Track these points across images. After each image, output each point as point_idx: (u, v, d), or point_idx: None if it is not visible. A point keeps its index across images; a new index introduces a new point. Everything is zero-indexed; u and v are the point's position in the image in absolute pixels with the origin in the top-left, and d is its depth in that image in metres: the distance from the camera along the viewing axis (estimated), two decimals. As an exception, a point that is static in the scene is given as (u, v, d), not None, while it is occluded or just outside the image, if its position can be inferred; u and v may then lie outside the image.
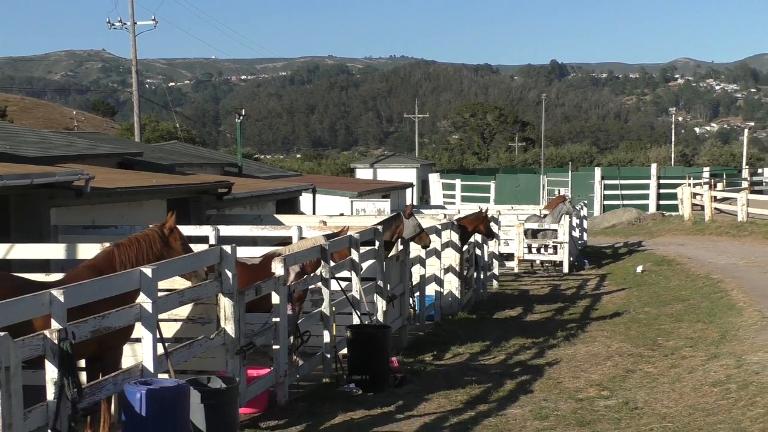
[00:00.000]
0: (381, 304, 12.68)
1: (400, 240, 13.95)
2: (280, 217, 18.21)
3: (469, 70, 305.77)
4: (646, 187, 51.58)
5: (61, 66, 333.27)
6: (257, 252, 12.41)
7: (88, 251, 9.43)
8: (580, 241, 30.01)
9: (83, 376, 7.66)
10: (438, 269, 16.49)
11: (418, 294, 15.49)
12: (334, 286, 11.22)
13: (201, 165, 29.69)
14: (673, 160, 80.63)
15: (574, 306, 18.64)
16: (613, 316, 16.72)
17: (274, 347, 9.71)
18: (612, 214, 44.14)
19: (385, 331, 11.30)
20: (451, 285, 17.15)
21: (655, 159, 72.65)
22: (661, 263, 24.35)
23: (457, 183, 55.87)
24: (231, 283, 8.57)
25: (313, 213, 29.24)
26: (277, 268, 9.72)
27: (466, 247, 17.99)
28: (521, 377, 11.41)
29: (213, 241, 13.41)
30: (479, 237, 19.41)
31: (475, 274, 19.58)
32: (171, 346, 7.98)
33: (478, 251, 19.84)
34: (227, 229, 14.33)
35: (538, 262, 26.31)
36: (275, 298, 9.67)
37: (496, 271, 22.89)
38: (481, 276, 20.25)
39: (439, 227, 16.56)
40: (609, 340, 14.11)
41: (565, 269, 25.16)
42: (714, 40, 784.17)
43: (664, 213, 43.28)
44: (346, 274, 11.96)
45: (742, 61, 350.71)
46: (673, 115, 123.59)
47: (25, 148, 18.28)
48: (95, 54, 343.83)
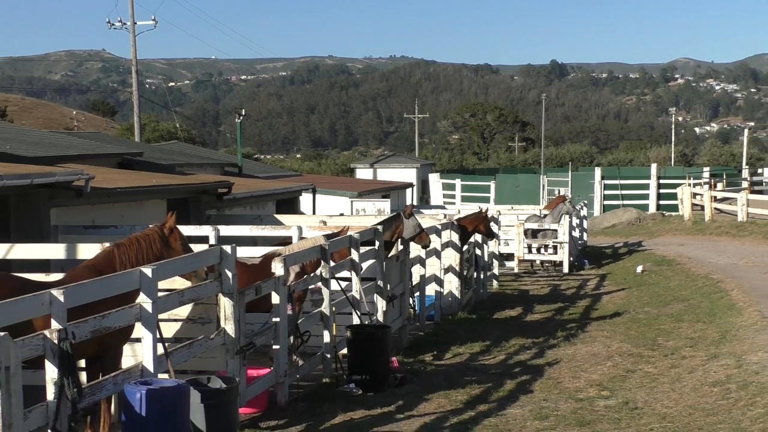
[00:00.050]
0: (381, 304, 12.68)
1: (400, 240, 13.95)
2: (280, 217, 18.21)
3: (469, 70, 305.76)
4: (646, 187, 51.59)
5: (61, 66, 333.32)
6: (257, 252, 12.41)
7: (88, 251, 9.43)
8: (580, 241, 30.02)
9: (83, 376, 7.66)
10: (438, 269, 16.49)
11: (418, 294, 15.49)
12: (334, 286, 11.21)
13: (201, 165, 29.68)
14: (673, 160, 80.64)
15: (574, 306, 18.64)
16: (613, 316, 16.71)
17: (274, 347, 9.71)
18: (612, 214, 44.14)
19: (385, 331, 11.30)
20: (451, 285, 17.15)
21: (655, 159, 72.66)
22: (661, 263, 24.35)
23: (457, 183, 55.88)
24: (231, 283, 8.57)
25: (313, 213, 29.24)
26: (277, 268, 9.72)
27: (466, 247, 17.99)
28: (521, 377, 11.40)
29: (213, 241, 13.41)
30: (479, 237, 19.41)
31: (475, 274, 19.58)
32: (171, 346, 7.98)
33: (478, 251, 19.84)
34: (227, 229, 14.34)
35: (538, 262, 26.31)
36: (275, 298, 9.67)
37: (496, 271, 22.89)
38: (481, 276, 20.25)
39: (439, 227, 16.56)
40: (609, 340, 14.10)
41: (565, 269, 25.16)
42: (714, 40, 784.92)
43: (664, 213, 43.27)
44: (346, 274, 11.96)
45: (742, 61, 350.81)
46: (673, 115, 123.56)
47: (25, 148, 18.28)
48: (95, 54, 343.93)
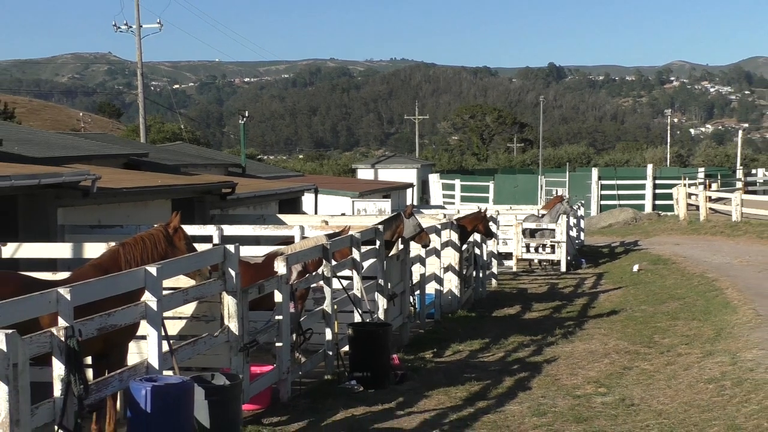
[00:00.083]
0: (382, 303, 12.68)
1: (400, 239, 13.95)
2: (283, 216, 18.20)
3: (468, 73, 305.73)
4: (642, 187, 51.54)
5: (68, 68, 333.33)
6: (260, 251, 12.41)
7: (94, 250, 9.45)
8: (577, 241, 30.00)
9: (90, 373, 7.67)
10: (438, 268, 16.49)
11: (418, 292, 15.50)
12: (336, 284, 11.22)
13: (205, 165, 29.66)
14: (668, 161, 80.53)
15: (571, 304, 18.63)
16: (610, 314, 16.71)
17: (277, 345, 9.71)
18: (609, 214, 44.10)
19: (385, 328, 11.30)
20: (451, 283, 17.15)
21: (651, 160, 72.52)
22: (657, 262, 24.33)
23: (457, 183, 55.86)
24: (234, 281, 8.58)
25: (315, 213, 29.27)
26: (280, 267, 9.73)
27: (465, 247, 17.98)
28: (520, 374, 11.41)
29: (217, 240, 13.42)
30: (478, 236, 19.40)
31: (474, 273, 19.57)
32: (176, 344, 7.99)
33: (477, 250, 19.83)
34: (231, 229, 14.35)
35: (536, 261, 26.30)
36: (278, 297, 9.67)
37: (495, 270, 22.89)
38: (480, 275, 20.25)
39: (439, 227, 16.56)
40: (606, 337, 14.11)
41: (563, 268, 25.14)
42: (709, 44, 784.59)
43: (660, 213, 43.20)
44: (347, 272, 11.97)
45: (737, 63, 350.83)
46: (669, 117, 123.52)
47: (33, 149, 18.30)
48: (101, 57, 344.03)
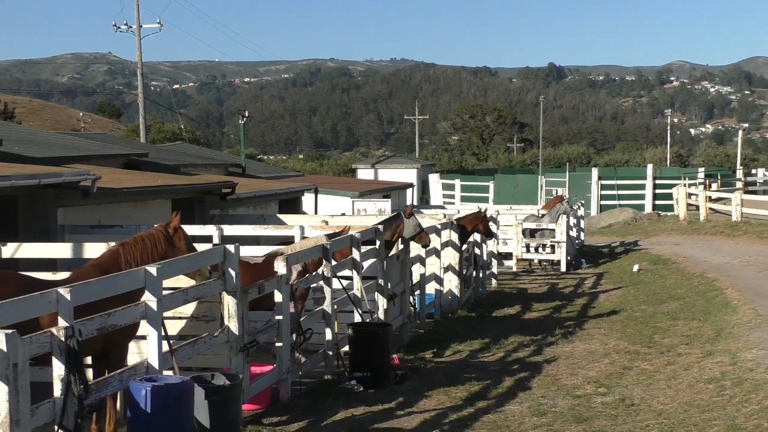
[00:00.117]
0: (382, 303, 12.67)
1: (400, 239, 13.93)
2: (283, 216, 18.19)
3: (468, 73, 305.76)
4: (642, 187, 51.52)
5: (68, 68, 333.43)
6: (260, 251, 12.40)
7: (94, 250, 9.44)
8: (577, 241, 29.99)
9: (90, 373, 7.65)
10: (438, 268, 16.48)
11: (418, 292, 15.48)
12: (336, 284, 11.21)
13: (205, 165, 29.64)
14: (668, 161, 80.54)
15: (571, 304, 18.61)
16: (610, 314, 16.70)
17: (277, 345, 9.70)
18: (609, 213, 44.08)
19: (385, 329, 11.28)
20: (451, 283, 17.14)
21: (651, 160, 72.52)
22: (657, 262, 24.32)
23: (457, 183, 55.85)
24: (234, 281, 8.57)
25: (315, 213, 29.26)
26: (280, 267, 9.72)
27: (465, 247, 17.97)
28: (520, 374, 11.39)
29: (217, 240, 13.41)
30: (478, 236, 19.39)
31: (474, 273, 19.56)
32: (176, 344, 7.97)
33: (477, 250, 19.82)
34: (231, 229, 14.34)
35: (536, 261, 26.28)
36: (278, 297, 9.66)
37: (495, 269, 22.87)
38: (480, 275, 20.23)
39: (439, 227, 16.55)
40: (606, 337, 14.09)
41: (563, 268, 25.13)
42: (709, 44, 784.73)
43: (660, 213, 43.19)
44: (347, 272, 11.95)
45: (737, 63, 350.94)
46: (669, 117, 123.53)
47: (33, 149, 18.29)
48: (101, 57, 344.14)
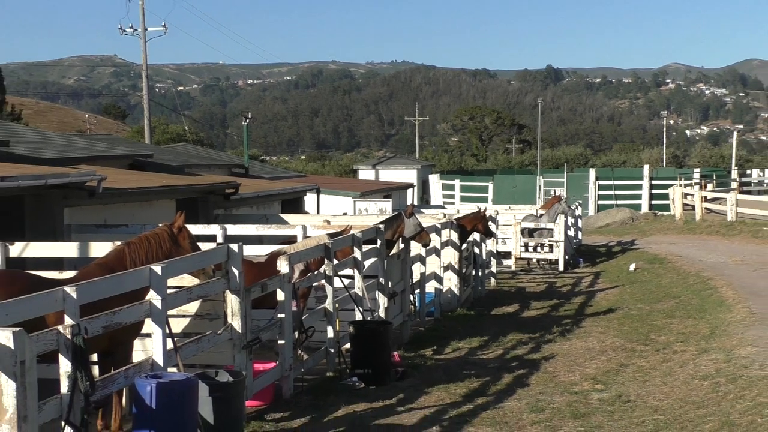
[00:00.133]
0: (383, 301, 12.69)
1: (401, 239, 13.95)
2: (286, 216, 18.22)
3: (467, 75, 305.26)
4: (639, 187, 51.47)
5: (74, 71, 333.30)
6: (263, 250, 12.43)
7: (100, 249, 9.47)
8: (575, 240, 29.99)
9: (95, 370, 7.68)
10: (438, 267, 16.49)
11: (418, 291, 15.50)
12: (338, 283, 11.23)
13: (209, 166, 29.65)
14: (664, 162, 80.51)
15: (569, 302, 18.63)
16: (606, 313, 16.71)
17: (280, 342, 9.72)
18: (606, 213, 44.04)
19: (386, 326, 11.30)
20: (451, 282, 17.15)
21: (647, 160, 72.52)
22: (654, 261, 24.33)
23: (457, 183, 55.82)
24: (238, 280, 8.59)
25: (317, 212, 29.27)
26: (282, 266, 9.74)
27: (464, 246, 17.98)
28: (518, 371, 11.41)
29: (220, 239, 13.42)
30: (478, 236, 19.40)
31: (473, 272, 19.57)
32: (180, 341, 8.00)
33: (477, 250, 19.83)
34: (234, 228, 14.36)
35: (534, 260, 26.28)
36: (280, 295, 9.68)
37: (494, 268, 22.88)
38: (480, 274, 20.24)
39: (439, 226, 16.56)
40: (603, 335, 14.11)
41: (561, 267, 25.13)
42: (704, 46, 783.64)
43: (656, 213, 43.16)
44: (348, 271, 11.97)
45: (731, 66, 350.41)
46: (665, 118, 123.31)
47: (40, 150, 18.32)
48: (107, 59, 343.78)
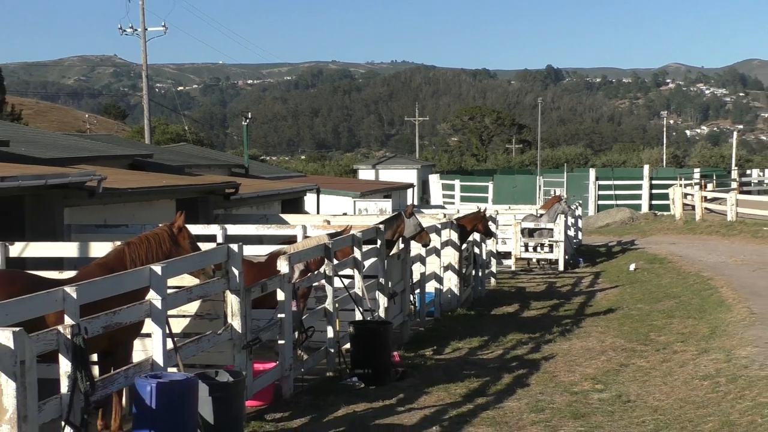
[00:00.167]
0: (383, 301, 12.68)
1: (401, 239, 13.94)
2: (286, 216, 18.20)
3: (467, 75, 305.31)
4: (639, 187, 51.47)
5: (74, 71, 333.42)
6: (263, 250, 12.41)
7: (100, 249, 9.46)
8: (575, 240, 29.97)
9: (95, 370, 7.66)
10: (438, 267, 16.48)
11: (418, 291, 15.49)
12: (338, 283, 11.21)
13: (209, 166, 29.64)
14: (664, 162, 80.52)
15: (569, 302, 18.62)
16: (606, 313, 16.70)
17: (280, 342, 9.71)
18: (606, 213, 44.04)
19: (386, 326, 11.29)
20: (451, 282, 17.14)
21: (647, 160, 72.51)
22: (654, 261, 24.32)
23: (457, 183, 55.82)
24: (238, 280, 8.57)
25: (317, 212, 29.27)
26: (282, 266, 9.72)
27: (464, 246, 17.97)
28: (518, 371, 11.39)
29: (220, 239, 13.41)
30: (478, 236, 19.39)
31: (473, 272, 19.56)
32: (180, 341, 7.98)
33: (477, 250, 19.82)
34: (234, 228, 14.34)
35: (534, 260, 26.27)
36: (280, 295, 9.67)
37: (494, 268, 22.87)
38: (480, 274, 20.23)
39: (439, 226, 16.55)
40: (603, 335, 14.10)
41: (561, 267, 25.12)
42: (704, 46, 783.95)
43: (656, 213, 43.15)
44: (348, 271, 11.96)
45: (731, 66, 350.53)
46: (665, 118, 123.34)
47: (40, 150, 18.30)
48: (107, 59, 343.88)
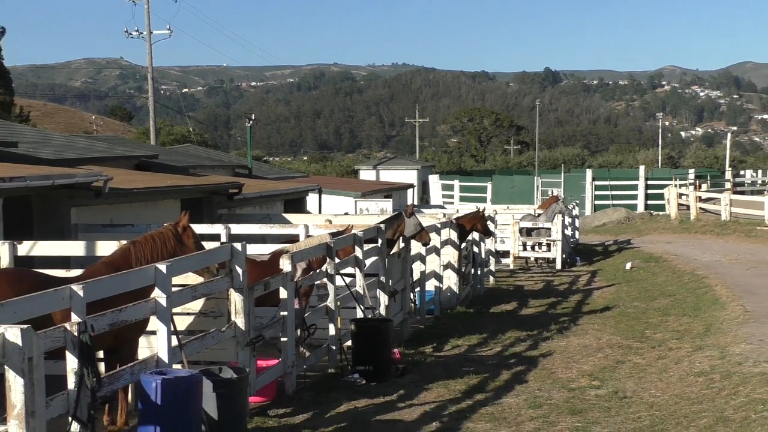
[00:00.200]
0: (383, 299, 12.69)
1: (401, 238, 13.95)
2: (288, 216, 18.21)
3: (467, 77, 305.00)
4: (635, 187, 51.40)
5: (81, 73, 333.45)
6: (266, 249, 12.42)
7: (106, 248, 9.47)
8: (572, 239, 29.97)
9: (102, 367, 7.67)
10: (437, 266, 16.48)
11: (418, 289, 15.49)
12: (339, 281, 11.22)
13: (213, 167, 29.63)
14: (660, 163, 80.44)
15: (566, 301, 18.62)
16: (603, 310, 16.71)
17: (282, 339, 9.72)
18: (602, 213, 44.02)
19: (387, 324, 11.30)
20: (450, 281, 17.14)
21: (643, 161, 72.37)
22: (649, 260, 24.32)
23: (456, 184, 55.76)
24: (241, 278, 8.58)
25: (319, 212, 29.25)
26: (285, 265, 9.73)
27: (464, 245, 17.98)
28: (516, 368, 11.40)
29: (224, 238, 13.42)
30: (477, 235, 19.40)
31: (472, 271, 19.57)
32: (184, 339, 7.99)
33: (476, 249, 19.82)
34: (238, 228, 14.35)
35: (532, 259, 26.27)
36: (283, 293, 9.68)
37: (493, 267, 22.87)
38: (479, 272, 20.24)
39: (439, 226, 16.55)
40: (600, 332, 14.11)
41: (558, 266, 25.12)
42: (699, 49, 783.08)
43: (652, 212, 43.09)
44: (350, 270, 11.97)
45: (726, 69, 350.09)
46: (660, 120, 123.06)
47: (48, 150, 18.31)
48: (113, 62, 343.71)
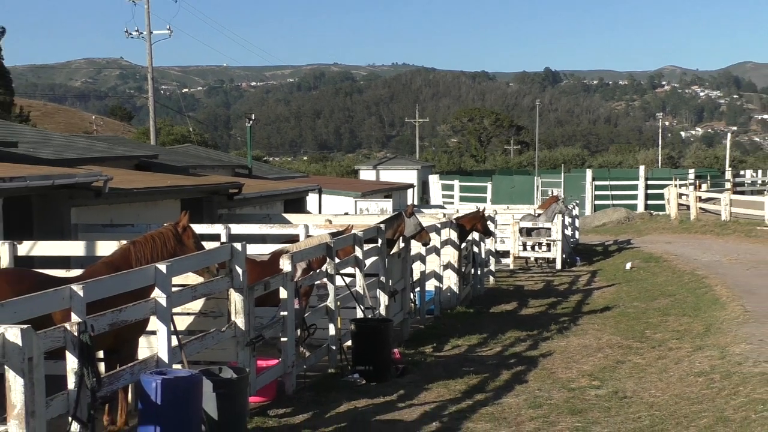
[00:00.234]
0: (383, 299, 12.68)
1: (401, 238, 13.94)
2: (288, 216, 18.20)
3: (467, 77, 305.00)
4: (635, 187, 51.39)
5: (81, 73, 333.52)
6: (266, 249, 12.41)
7: (106, 248, 9.47)
8: (572, 239, 29.96)
9: (102, 367, 7.67)
10: (437, 266, 16.48)
11: (418, 289, 15.49)
12: (339, 281, 11.22)
13: (213, 167, 29.63)
14: (660, 163, 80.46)
15: (566, 301, 18.62)
16: (603, 310, 16.71)
17: (282, 339, 9.72)
18: (602, 213, 44.03)
19: (387, 324, 11.29)
20: (450, 281, 17.14)
21: (643, 161, 72.37)
22: (649, 260, 24.31)
23: (456, 184, 55.75)
24: (241, 278, 8.58)
25: (319, 212, 29.25)
26: (285, 265, 9.73)
27: (464, 245, 17.98)
28: (516, 368, 11.40)
29: (224, 238, 13.41)
30: (477, 235, 19.39)
31: (472, 271, 19.56)
32: (184, 339, 7.98)
33: (476, 249, 19.82)
34: (238, 228, 14.35)
35: (532, 259, 26.26)
36: (283, 293, 9.67)
37: (493, 267, 22.86)
38: (479, 272, 20.23)
39: (439, 226, 16.55)
40: (600, 332, 14.10)
41: (558, 266, 25.12)
42: (699, 49, 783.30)
43: (652, 212, 43.09)
44: (350, 270, 11.97)
45: (726, 69, 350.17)
46: (660, 120, 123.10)
47: (48, 150, 18.31)
48: (113, 62, 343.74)
